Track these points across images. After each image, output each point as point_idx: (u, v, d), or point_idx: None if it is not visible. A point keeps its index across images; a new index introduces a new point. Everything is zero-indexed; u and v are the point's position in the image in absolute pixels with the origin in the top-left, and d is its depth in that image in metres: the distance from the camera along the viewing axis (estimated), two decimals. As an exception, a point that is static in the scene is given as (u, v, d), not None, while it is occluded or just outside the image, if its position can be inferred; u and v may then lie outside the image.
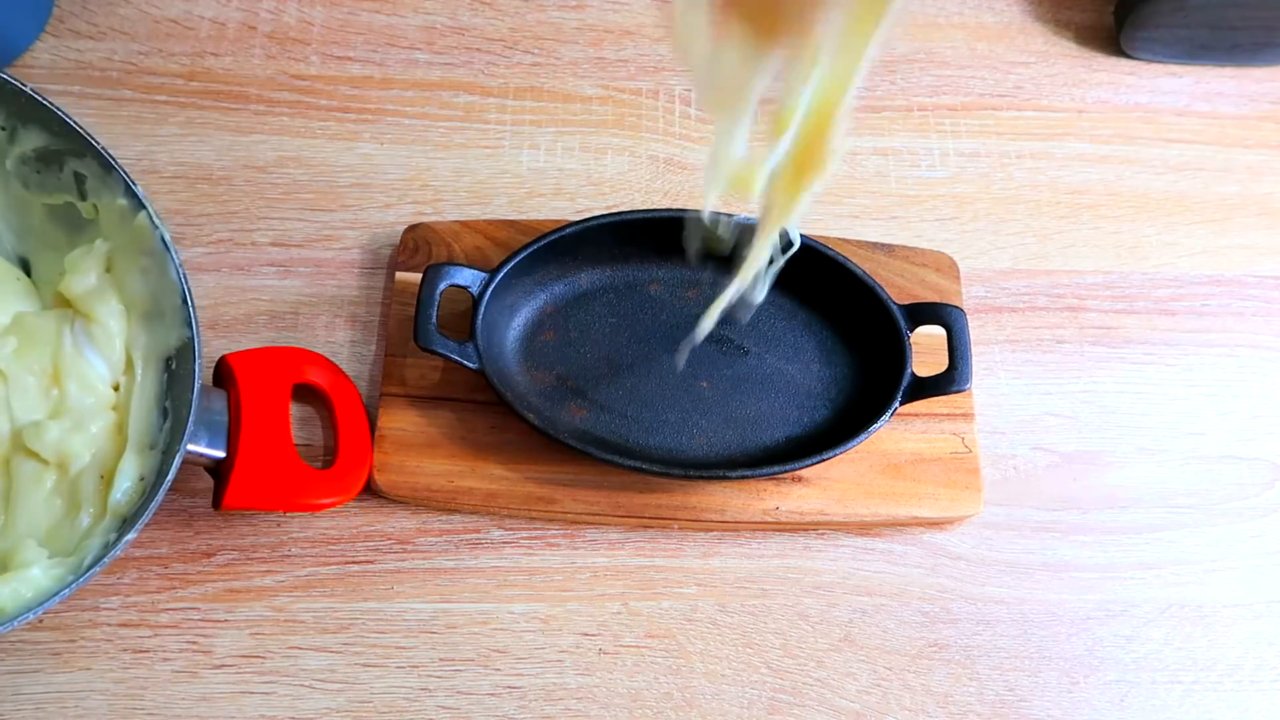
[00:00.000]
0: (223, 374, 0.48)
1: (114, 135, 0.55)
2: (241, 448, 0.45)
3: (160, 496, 0.40)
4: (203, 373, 0.43)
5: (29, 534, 0.42)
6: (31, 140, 0.44)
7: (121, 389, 0.45)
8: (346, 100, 0.58)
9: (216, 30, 0.59)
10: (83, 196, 0.45)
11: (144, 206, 0.43)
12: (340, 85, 0.59)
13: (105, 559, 0.39)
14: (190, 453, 0.43)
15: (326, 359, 0.50)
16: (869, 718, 0.47)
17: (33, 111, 0.43)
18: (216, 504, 0.45)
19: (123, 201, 0.43)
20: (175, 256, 0.43)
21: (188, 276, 0.43)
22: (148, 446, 0.43)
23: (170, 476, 0.41)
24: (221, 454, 0.45)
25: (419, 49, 0.60)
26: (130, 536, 0.39)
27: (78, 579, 0.39)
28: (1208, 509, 0.52)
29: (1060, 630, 0.49)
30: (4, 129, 0.44)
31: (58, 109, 0.42)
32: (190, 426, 0.42)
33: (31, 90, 0.42)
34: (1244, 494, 0.53)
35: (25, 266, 0.49)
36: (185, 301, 0.43)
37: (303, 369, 0.49)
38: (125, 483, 0.42)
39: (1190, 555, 0.51)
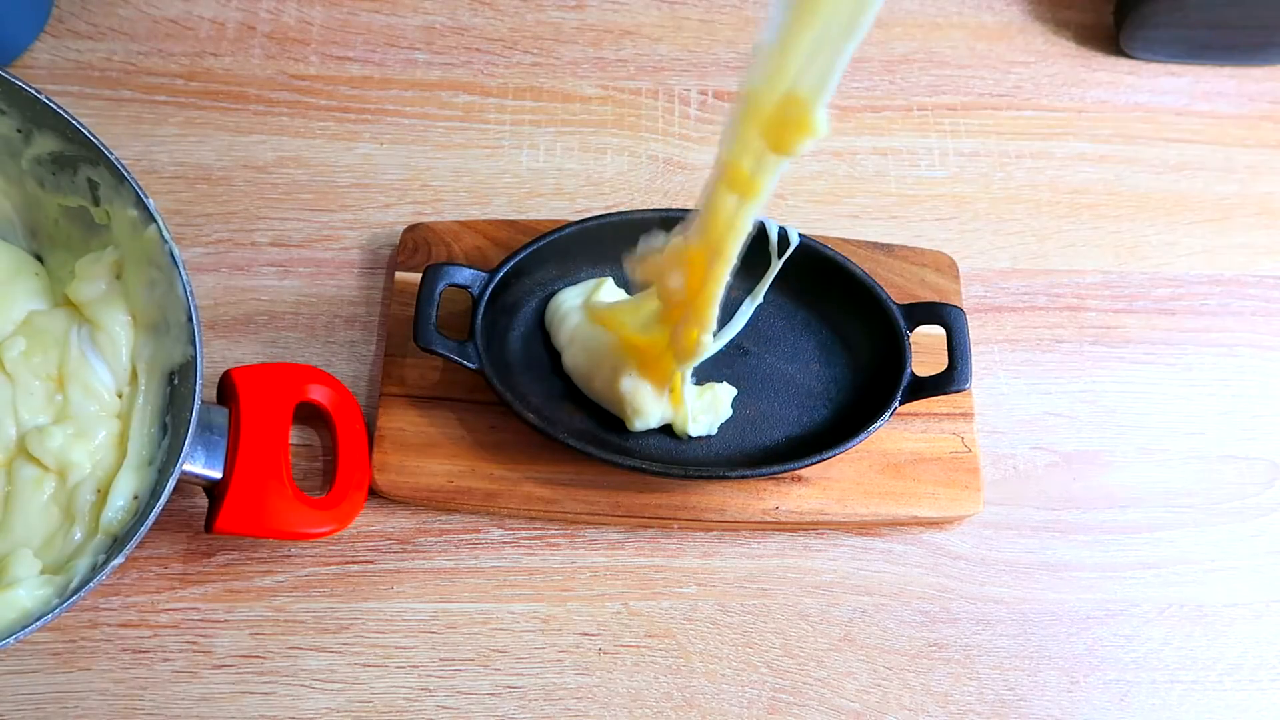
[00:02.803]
0: (226, 389, 0.47)
1: (114, 135, 0.55)
2: (237, 472, 0.44)
3: (152, 519, 0.40)
4: (203, 392, 0.42)
5: (25, 541, 0.42)
6: (46, 144, 0.44)
7: (125, 399, 0.45)
8: (346, 100, 0.58)
9: (216, 30, 0.59)
10: (96, 202, 0.45)
11: (155, 220, 0.42)
12: (340, 85, 0.59)
13: (91, 583, 0.39)
14: (186, 473, 0.43)
15: (334, 377, 0.49)
16: (869, 717, 0.47)
17: (47, 118, 0.43)
18: (208, 527, 0.45)
19: (134, 213, 0.43)
20: (184, 273, 0.42)
21: (194, 295, 0.43)
22: (146, 462, 0.43)
23: (164, 498, 0.41)
24: (218, 475, 0.45)
25: (419, 49, 0.60)
26: (117, 561, 0.39)
27: (62, 603, 0.39)
28: (1208, 509, 0.52)
29: (1060, 630, 0.49)
30: (20, 131, 0.44)
31: (72, 117, 0.42)
32: (187, 447, 0.42)
33: (47, 99, 0.42)
34: (1244, 493, 0.53)
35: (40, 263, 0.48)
36: (191, 319, 0.43)
37: (307, 388, 0.48)
38: (119, 500, 0.42)
39: (1190, 555, 0.51)
